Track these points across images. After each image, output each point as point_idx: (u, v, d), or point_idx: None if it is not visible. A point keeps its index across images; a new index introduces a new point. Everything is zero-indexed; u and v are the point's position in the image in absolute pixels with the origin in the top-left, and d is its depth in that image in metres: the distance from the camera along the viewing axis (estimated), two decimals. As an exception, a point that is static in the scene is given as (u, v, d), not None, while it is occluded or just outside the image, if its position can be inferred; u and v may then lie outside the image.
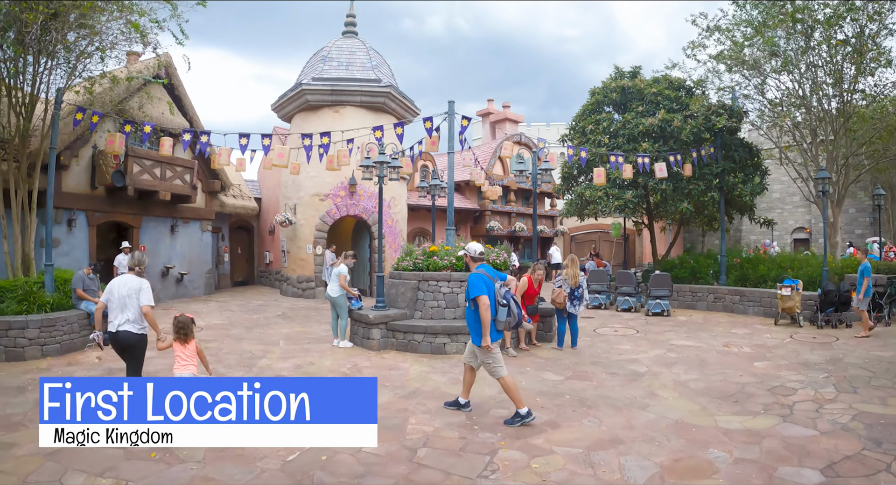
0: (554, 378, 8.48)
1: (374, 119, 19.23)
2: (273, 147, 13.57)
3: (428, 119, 12.56)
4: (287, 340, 11.78)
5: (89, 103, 13.07)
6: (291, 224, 19.97)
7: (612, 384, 8.10)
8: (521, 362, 9.56)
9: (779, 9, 15.44)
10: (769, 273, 16.17)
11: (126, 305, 6.22)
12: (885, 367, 8.95)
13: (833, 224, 16.66)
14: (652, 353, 10.48)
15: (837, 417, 6.42)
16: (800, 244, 27.03)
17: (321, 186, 19.71)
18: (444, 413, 6.62)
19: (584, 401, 7.17)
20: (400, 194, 21.39)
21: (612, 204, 17.92)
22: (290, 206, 20.38)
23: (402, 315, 11.00)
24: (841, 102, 16.29)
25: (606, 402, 7.15)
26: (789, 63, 16.11)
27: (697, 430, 6.03)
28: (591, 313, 16.10)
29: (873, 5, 14.71)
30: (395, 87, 20.21)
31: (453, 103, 12.40)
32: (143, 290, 6.29)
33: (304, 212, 19.98)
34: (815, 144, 17.11)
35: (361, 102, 19.71)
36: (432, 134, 12.71)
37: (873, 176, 22.02)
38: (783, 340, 11.64)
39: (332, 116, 19.47)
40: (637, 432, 5.97)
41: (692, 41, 17.36)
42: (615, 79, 19.74)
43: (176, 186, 17.50)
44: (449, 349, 10.23)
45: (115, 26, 11.99)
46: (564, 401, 7.17)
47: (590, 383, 8.21)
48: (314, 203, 19.86)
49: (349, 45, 20.84)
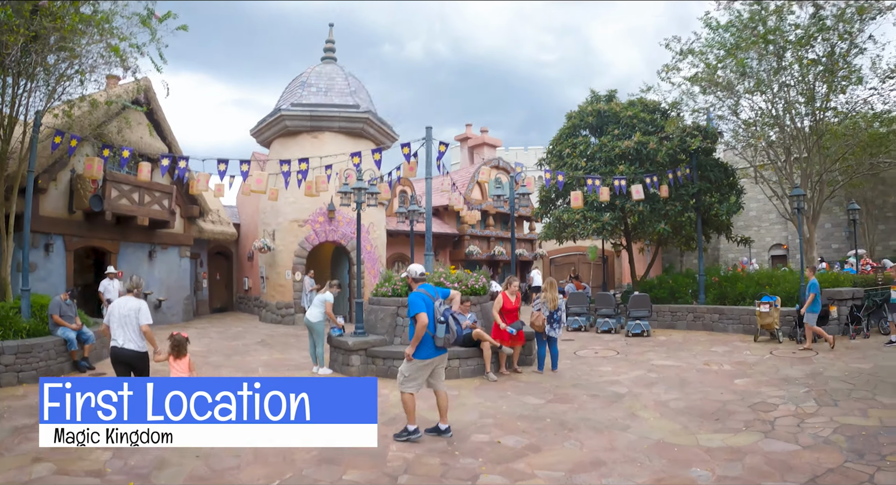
0: (535, 402, 8.43)
1: (352, 145, 19.27)
2: (252, 173, 13.53)
3: (406, 145, 12.60)
4: (266, 368, 11.63)
5: (68, 126, 12.97)
6: (270, 250, 19.86)
7: (593, 406, 8.06)
8: (501, 387, 9.50)
9: (751, 31, 15.77)
10: (747, 290, 16.30)
11: (125, 324, 6.69)
12: (865, 379, 9.01)
13: (809, 240, 16.88)
14: (632, 374, 10.46)
15: (819, 430, 6.43)
16: (777, 261, 27.35)
17: (300, 212, 19.65)
18: (425, 439, 6.54)
19: (566, 424, 7.12)
20: (378, 220, 21.38)
21: (590, 226, 18.06)
22: (269, 232, 20.28)
23: (381, 341, 10.91)
24: (813, 120, 16.60)
25: (588, 424, 7.11)
26: (762, 83, 16.42)
27: (679, 449, 6.01)
28: (571, 336, 16.09)
29: (844, 25, 15.08)
30: (374, 113, 20.30)
31: (430, 129, 12.46)
32: (142, 310, 6.82)
33: (282, 238, 19.88)
34: (790, 161, 17.39)
35: (340, 128, 19.76)
36: (410, 160, 12.75)
37: (847, 191, 22.40)
38: (763, 357, 11.69)
39: (311, 142, 19.49)
40: (619, 454, 5.93)
41: (666, 64, 17.68)
42: (591, 103, 19.99)
43: (154, 211, 17.37)
44: (430, 374, 10.14)
45: (95, 50, 11.95)
46: (545, 424, 7.12)
47: (571, 405, 8.17)
48: (293, 229, 19.78)
49: (328, 71, 20.95)
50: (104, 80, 13.38)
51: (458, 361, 10.20)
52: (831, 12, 15.17)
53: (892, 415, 6.90)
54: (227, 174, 12.82)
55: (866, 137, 17.12)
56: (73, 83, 12.40)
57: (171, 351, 6.84)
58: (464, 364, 10.26)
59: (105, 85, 13.91)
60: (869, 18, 14.96)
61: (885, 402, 7.55)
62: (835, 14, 15.11)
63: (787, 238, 27.12)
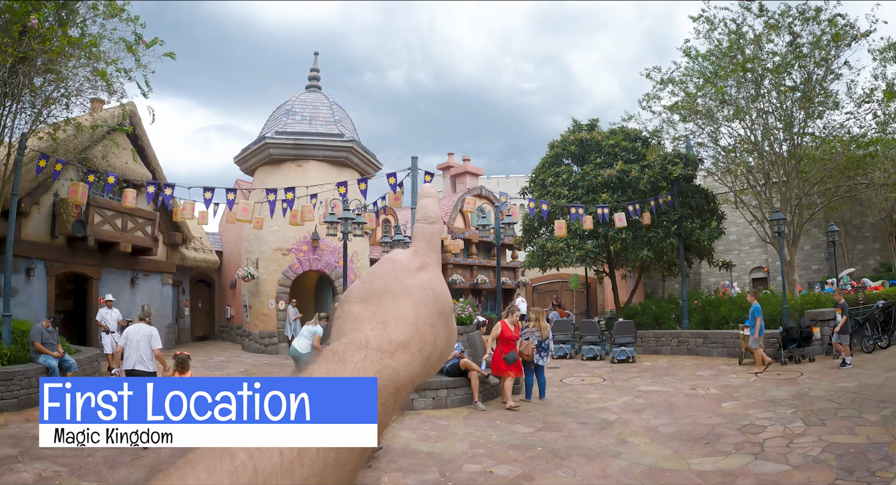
0: (524, 430, 8.41)
1: (336, 174, 19.30)
2: (237, 201, 13.50)
3: (392, 175, 12.69)
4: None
5: (53, 150, 12.87)
6: (254, 279, 19.72)
7: (583, 434, 8.06)
8: (490, 416, 9.46)
9: (730, 59, 16.13)
10: (730, 314, 16.44)
11: (138, 347, 7.82)
12: (851, 397, 9.09)
13: (790, 262, 17.10)
14: (620, 400, 10.48)
15: (808, 450, 6.48)
16: (759, 284, 27.59)
17: (284, 241, 19.58)
18: (417, 469, 6.49)
19: (557, 452, 7.11)
20: (362, 249, 21.36)
21: (573, 254, 18.21)
22: (253, 260, 20.17)
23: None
24: (792, 146, 16.93)
25: (579, 452, 7.10)
26: (741, 111, 16.75)
27: (671, 474, 6.02)
28: (556, 363, 16.07)
29: (820, 52, 15.48)
30: (358, 142, 20.39)
31: (416, 159, 12.57)
32: (154, 336, 8.00)
33: (266, 266, 19.77)
34: (769, 186, 17.67)
35: (324, 157, 19.81)
36: (396, 190, 12.82)
37: (826, 213, 22.74)
38: (749, 379, 11.76)
39: (296, 171, 19.50)
40: (612, 481, 5.93)
41: (647, 94, 18.00)
42: (573, 131, 20.24)
43: (137, 237, 17.25)
44: (417, 405, 10.07)
45: (81, 73, 11.93)
46: (537, 453, 7.10)
47: (560, 433, 8.16)
48: (277, 258, 19.68)
49: (312, 100, 21.06)
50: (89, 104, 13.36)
51: (446, 390, 10.17)
52: (808, 40, 15.59)
53: (879, 431, 6.97)
54: (211, 202, 12.80)
55: (844, 160, 17.46)
56: (59, 106, 12.38)
57: (175, 368, 7.76)
58: (452, 394, 10.22)
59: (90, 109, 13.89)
60: (844, 45, 15.39)
61: (871, 419, 7.62)
62: (811, 41, 15.53)
63: (768, 261, 27.44)
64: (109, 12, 11.43)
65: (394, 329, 0.50)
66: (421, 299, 0.54)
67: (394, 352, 0.49)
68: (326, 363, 0.48)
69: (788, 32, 15.84)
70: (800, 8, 15.62)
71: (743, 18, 16.23)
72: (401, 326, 0.51)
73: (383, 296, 0.54)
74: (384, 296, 0.54)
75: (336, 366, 0.47)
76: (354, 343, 0.49)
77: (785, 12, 15.80)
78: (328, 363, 0.48)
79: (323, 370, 0.47)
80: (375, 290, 0.55)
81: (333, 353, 0.49)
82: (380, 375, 0.47)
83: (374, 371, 0.47)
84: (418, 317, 0.52)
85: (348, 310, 0.54)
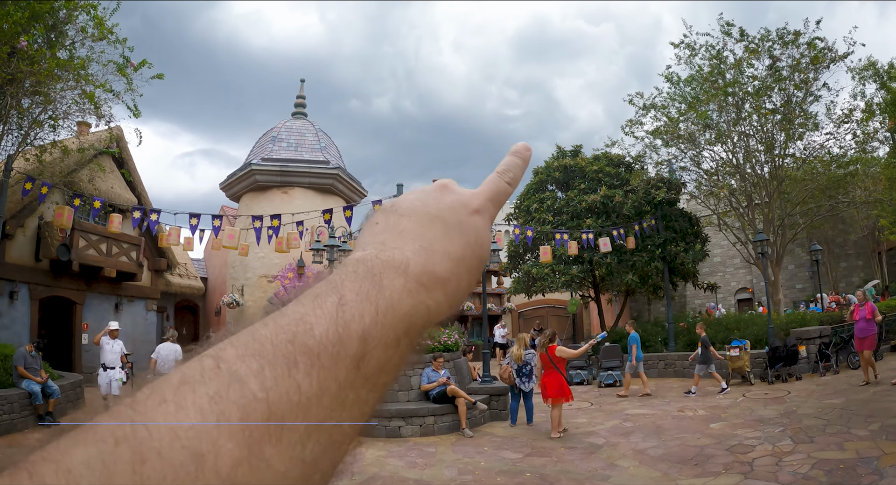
0: (513, 456, 8.35)
1: (322, 201, 19.34)
2: (223, 228, 13.47)
3: (377, 202, 12.72)
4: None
5: (39, 172, 12.80)
6: (239, 305, 19.60)
7: (572, 458, 8.01)
8: (478, 442, 9.39)
9: (711, 84, 16.42)
10: (717, 335, 16.48)
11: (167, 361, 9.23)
12: (839, 413, 9.11)
13: (774, 282, 17.24)
14: (608, 424, 10.44)
15: (797, 467, 6.47)
16: (744, 304, 27.77)
17: (269, 268, 19.52)
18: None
19: (546, 477, 7.06)
20: (349, 274, 21.30)
21: (558, 280, 18.28)
22: (238, 287, 20.06)
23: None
24: (773, 167, 17.19)
25: (568, 476, 7.05)
26: (722, 134, 17.03)
27: (661, 498, 5.99)
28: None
29: (799, 75, 15.81)
30: (343, 169, 20.47)
31: (402, 186, 12.67)
32: (178, 351, 9.83)
33: (251, 293, 19.67)
34: (752, 208, 17.89)
35: (310, 184, 19.85)
36: (381, 217, 12.85)
37: (809, 233, 23.02)
38: (736, 400, 11.77)
39: (281, 197, 19.52)
40: (601, 504, 5.89)
41: (630, 119, 18.31)
42: (557, 158, 20.46)
43: (122, 262, 17.14)
44: (404, 432, 9.96)
45: (69, 95, 11.92)
46: (525, 479, 7.05)
47: (549, 458, 8.10)
48: (262, 285, 19.60)
49: (298, 126, 21.16)
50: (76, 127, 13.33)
51: (434, 417, 10.09)
52: (787, 63, 15.92)
53: (868, 446, 6.98)
54: (197, 228, 12.76)
55: (825, 179, 17.74)
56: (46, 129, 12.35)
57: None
58: (439, 421, 10.14)
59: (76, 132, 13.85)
60: (823, 67, 15.73)
61: (859, 434, 7.63)
62: (790, 65, 15.87)
63: (752, 282, 27.65)
64: (98, 34, 11.46)
65: (438, 262, 0.45)
66: (470, 243, 0.49)
67: (432, 288, 0.43)
68: (358, 279, 0.40)
69: (768, 56, 16.19)
70: (779, 32, 16.00)
71: (723, 44, 16.59)
72: (445, 261, 0.45)
73: (433, 221, 0.48)
74: (434, 221, 0.48)
75: (370, 287, 0.40)
76: (393, 263, 0.42)
77: (765, 37, 16.16)
78: (360, 280, 0.40)
79: (354, 288, 0.40)
80: (429, 212, 0.49)
81: (369, 268, 0.42)
82: (414, 310, 0.41)
83: (409, 305, 0.41)
84: (463, 258, 0.47)
85: (393, 222, 0.48)
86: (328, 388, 0.35)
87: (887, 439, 7.13)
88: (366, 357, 0.37)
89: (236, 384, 0.32)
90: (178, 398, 0.30)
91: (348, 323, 0.37)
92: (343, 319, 0.37)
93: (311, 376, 0.34)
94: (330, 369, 0.35)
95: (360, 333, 0.37)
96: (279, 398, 0.32)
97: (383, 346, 0.38)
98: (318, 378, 0.34)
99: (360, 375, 0.36)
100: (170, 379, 0.32)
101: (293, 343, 0.35)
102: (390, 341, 0.38)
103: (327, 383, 0.35)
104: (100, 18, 11.32)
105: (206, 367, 0.33)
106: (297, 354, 0.34)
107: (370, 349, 0.37)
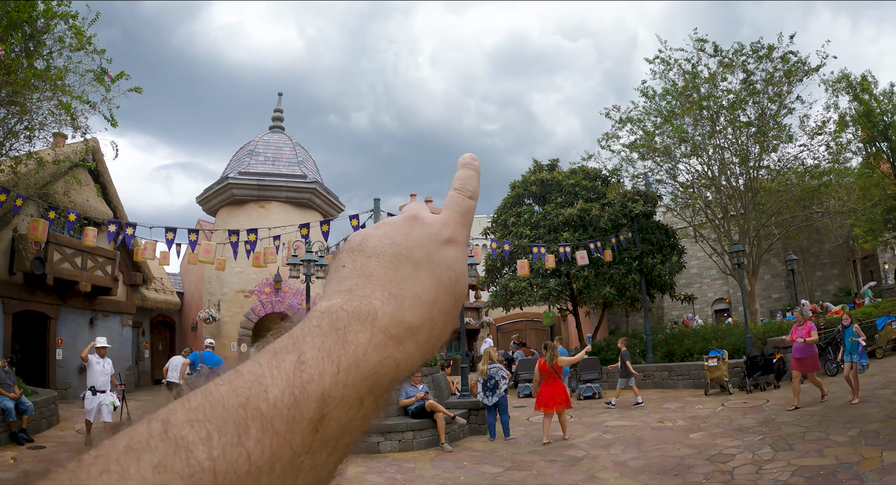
0: (493, 471, 8.29)
1: (299, 215, 19.21)
2: (200, 242, 13.32)
3: (354, 217, 12.65)
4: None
5: (13, 184, 12.56)
6: (215, 321, 19.36)
7: (552, 471, 7.97)
8: (457, 457, 9.32)
9: (686, 98, 16.63)
10: (694, 346, 16.59)
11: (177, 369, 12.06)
12: (817, 420, 9.17)
13: (751, 293, 17.41)
14: (588, 436, 10.42)
15: (777, 475, 6.49)
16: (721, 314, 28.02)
17: (246, 283, 19.33)
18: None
19: (527, 488, 7.01)
20: (326, 290, 21.14)
21: (536, 293, 18.31)
22: (214, 302, 19.83)
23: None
24: (748, 179, 17.42)
25: (549, 487, 7.00)
26: (698, 147, 17.24)
27: (642, 509, 5.96)
28: (522, 402, 15.93)
29: (773, 88, 16.08)
30: (321, 184, 20.39)
31: (378, 201, 12.58)
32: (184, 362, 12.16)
33: (228, 308, 19.45)
34: (727, 219, 18.09)
35: (287, 198, 19.74)
36: (358, 232, 12.77)
37: (784, 243, 23.33)
38: (715, 409, 11.82)
39: (258, 212, 19.38)
40: (582, 517, 5.85)
41: (606, 133, 18.48)
42: (534, 172, 20.56)
43: (97, 277, 16.88)
44: (383, 448, 9.86)
45: (45, 106, 11.74)
46: (507, 490, 6.99)
47: (529, 472, 8.06)
48: (239, 299, 19.39)
49: (276, 140, 21.06)
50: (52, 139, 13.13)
51: (413, 432, 10.00)
52: (761, 77, 16.20)
53: (847, 452, 7.03)
54: (174, 243, 12.60)
55: (799, 190, 18.00)
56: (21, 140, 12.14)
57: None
58: (418, 436, 10.05)
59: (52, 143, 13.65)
60: (796, 80, 16.01)
61: (839, 440, 7.68)
62: (764, 78, 16.14)
63: (729, 292, 27.93)
64: (76, 44, 11.32)
65: (408, 309, 0.41)
66: (443, 280, 0.44)
67: (402, 339, 0.40)
68: (321, 334, 0.38)
69: (742, 70, 16.46)
70: (753, 46, 16.29)
71: (698, 59, 16.84)
72: (416, 308, 0.42)
73: (402, 262, 0.44)
74: (402, 262, 0.44)
75: (333, 343, 0.37)
76: (360, 314, 0.39)
77: (739, 51, 16.44)
78: (323, 335, 0.38)
79: (316, 345, 0.37)
80: (396, 251, 0.45)
81: (332, 321, 0.39)
82: (380, 366, 0.38)
83: (375, 361, 0.38)
84: (435, 301, 0.43)
85: (360, 264, 0.44)
86: (280, 455, 0.32)
87: (866, 444, 7.19)
88: (324, 420, 0.34)
89: (182, 453, 0.30)
90: (121, 468, 0.29)
91: (306, 384, 0.34)
92: (300, 379, 0.34)
93: (263, 443, 0.32)
94: (283, 434, 0.32)
95: (319, 394, 0.34)
96: (226, 468, 0.30)
97: (344, 406, 0.35)
98: (269, 445, 0.32)
99: (318, 438, 0.34)
100: (117, 443, 0.30)
101: (245, 408, 0.32)
102: (352, 401, 0.36)
103: (280, 450, 0.32)
104: (78, 28, 11.18)
105: (153, 432, 0.31)
106: (249, 419, 0.32)
107: (329, 411, 0.34)
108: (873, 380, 11.96)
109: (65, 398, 15.01)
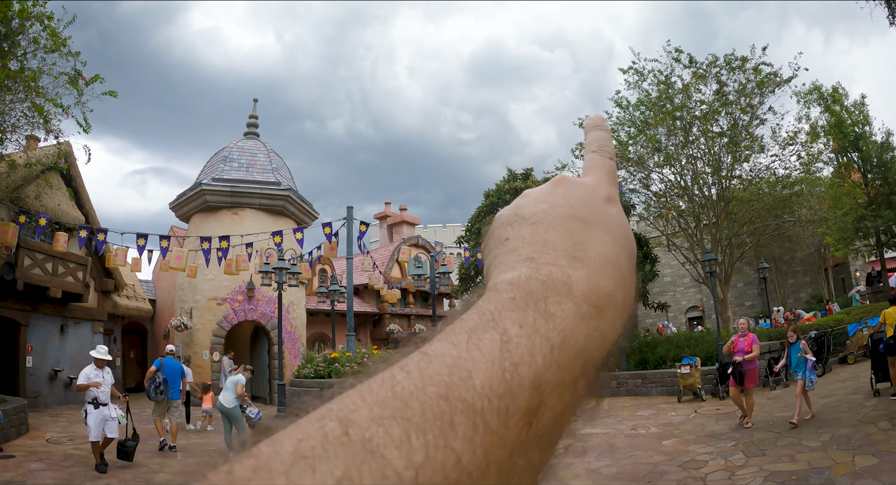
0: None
1: (273, 222, 19.05)
2: (171, 249, 13.15)
3: (327, 225, 12.59)
4: (185, 454, 10.97)
5: None
6: (187, 328, 19.10)
7: (526, 477, 7.94)
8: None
9: (659, 108, 16.84)
10: (668, 354, 16.70)
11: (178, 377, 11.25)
12: (789, 426, 9.25)
13: (723, 300, 17.62)
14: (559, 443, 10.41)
15: (750, 480, 6.53)
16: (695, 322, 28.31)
17: (218, 290, 19.11)
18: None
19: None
20: (298, 299, 20.99)
21: (510, 302, 18.38)
22: (187, 309, 19.57)
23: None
24: (720, 189, 17.67)
25: (522, 495, 6.98)
26: (671, 157, 17.44)
27: (615, 515, 5.97)
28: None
29: (745, 99, 16.35)
30: (295, 191, 20.26)
31: (352, 209, 12.54)
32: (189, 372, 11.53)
33: (200, 316, 19.21)
34: (700, 228, 18.31)
35: (261, 205, 19.58)
36: (332, 240, 12.70)
37: (756, 251, 23.65)
38: (688, 416, 11.89)
39: (231, 218, 19.18)
40: (556, 523, 5.83)
41: (580, 143, 18.60)
42: (508, 181, 20.69)
43: (68, 283, 16.59)
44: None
45: (18, 108, 11.52)
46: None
47: (503, 477, 8.02)
48: (211, 307, 19.16)
49: (250, 147, 20.90)
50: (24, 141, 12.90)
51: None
52: (734, 88, 16.46)
53: (819, 457, 7.09)
54: (145, 249, 12.43)
55: (771, 200, 18.29)
56: None
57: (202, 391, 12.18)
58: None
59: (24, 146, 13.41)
60: (769, 91, 16.30)
61: (811, 445, 7.76)
62: (737, 89, 16.41)
63: (702, 300, 28.26)
64: (51, 46, 11.15)
65: (599, 272, 0.35)
66: (617, 238, 0.39)
67: (604, 307, 0.34)
68: (519, 308, 0.31)
69: (716, 81, 16.71)
70: (727, 58, 16.57)
71: (671, 69, 17.07)
72: (606, 270, 0.36)
73: (573, 223, 0.38)
74: (574, 223, 0.38)
75: (535, 316, 0.31)
76: (555, 283, 0.33)
77: (712, 63, 16.70)
78: (522, 308, 0.31)
79: (517, 320, 0.30)
80: (561, 212, 0.39)
81: (527, 292, 0.32)
82: (589, 340, 0.32)
83: (584, 335, 0.31)
84: (619, 259, 0.37)
85: (529, 232, 0.38)
86: (495, 457, 0.26)
87: (838, 448, 7.27)
88: (539, 410, 0.28)
89: (373, 461, 0.23)
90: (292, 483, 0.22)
91: (516, 367, 0.28)
92: (510, 361, 0.28)
93: (474, 443, 0.25)
94: (497, 431, 0.26)
95: (533, 379, 0.28)
96: (432, 479, 0.23)
97: (559, 392, 0.29)
98: (482, 445, 0.25)
99: (532, 433, 0.28)
100: (280, 450, 0.23)
101: (447, 399, 0.26)
102: (567, 385, 0.30)
103: (494, 451, 0.26)
104: (53, 30, 11.02)
105: (329, 434, 0.24)
106: (454, 413, 0.26)
107: (545, 399, 0.29)
108: (845, 385, 12.14)
109: (34, 407, 14.67)
